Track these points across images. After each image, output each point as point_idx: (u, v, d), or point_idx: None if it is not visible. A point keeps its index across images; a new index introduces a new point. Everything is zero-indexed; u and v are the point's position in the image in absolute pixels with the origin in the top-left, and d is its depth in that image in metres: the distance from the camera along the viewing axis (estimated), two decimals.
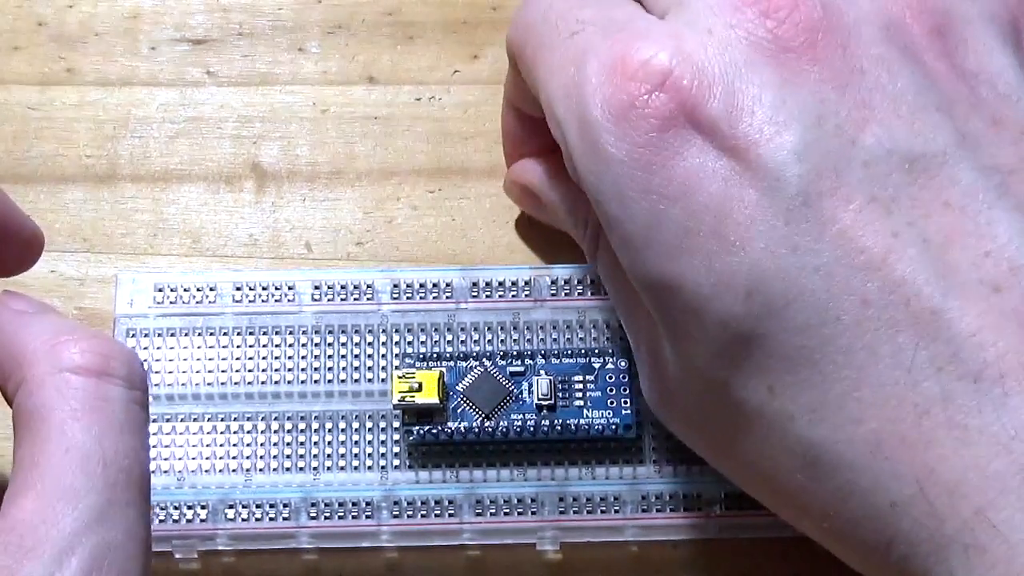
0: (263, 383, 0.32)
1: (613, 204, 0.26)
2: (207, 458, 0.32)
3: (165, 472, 0.32)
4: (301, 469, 0.32)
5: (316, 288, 0.33)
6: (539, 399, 0.32)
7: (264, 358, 0.33)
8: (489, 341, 0.33)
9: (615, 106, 0.26)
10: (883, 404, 0.24)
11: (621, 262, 0.27)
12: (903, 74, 0.25)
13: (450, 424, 0.32)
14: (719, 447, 0.28)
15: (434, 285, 0.33)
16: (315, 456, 0.32)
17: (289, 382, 0.32)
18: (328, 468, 0.32)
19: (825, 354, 0.24)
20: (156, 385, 0.32)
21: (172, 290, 0.33)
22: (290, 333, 0.33)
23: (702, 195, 0.25)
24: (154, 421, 0.32)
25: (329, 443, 0.32)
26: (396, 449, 0.32)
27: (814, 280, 0.24)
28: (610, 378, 0.32)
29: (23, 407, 0.24)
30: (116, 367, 0.25)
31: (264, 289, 0.33)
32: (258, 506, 0.31)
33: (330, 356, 0.33)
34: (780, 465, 0.26)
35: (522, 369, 0.32)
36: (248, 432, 0.32)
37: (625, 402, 0.32)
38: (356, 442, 0.32)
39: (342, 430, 0.32)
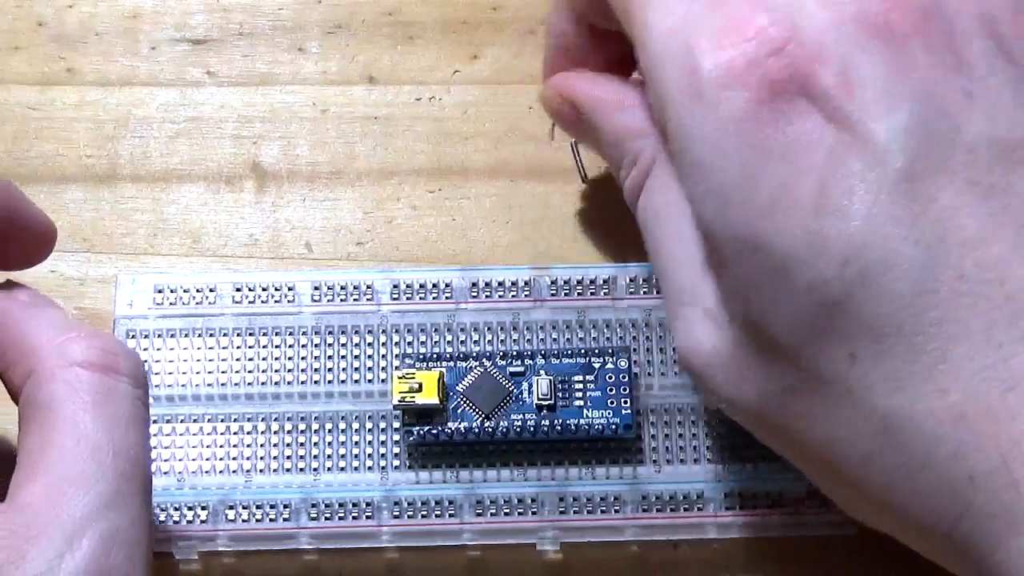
0: (263, 384, 0.32)
1: (709, 153, 0.26)
2: (207, 459, 0.32)
3: (165, 473, 0.32)
4: (301, 470, 0.32)
5: (316, 288, 0.33)
6: (539, 399, 0.32)
7: (264, 359, 0.33)
8: (489, 341, 0.33)
9: (730, 64, 0.26)
10: (970, 377, 0.24)
11: (699, 212, 0.27)
12: (1002, 70, 0.26)
13: (450, 424, 0.32)
14: (771, 410, 0.28)
15: (434, 285, 0.33)
16: (315, 457, 0.32)
17: (289, 383, 0.32)
18: (328, 469, 0.32)
19: (916, 324, 0.25)
20: (156, 386, 0.32)
21: (172, 291, 0.33)
22: (290, 334, 0.33)
23: (807, 160, 0.25)
24: (154, 422, 0.32)
25: (329, 444, 0.32)
26: (396, 449, 0.32)
27: (913, 252, 0.25)
28: (610, 378, 0.32)
29: (32, 397, 0.25)
30: (123, 365, 0.26)
31: (264, 290, 0.33)
32: (258, 507, 0.31)
33: (330, 357, 0.33)
34: (848, 432, 0.26)
35: (522, 369, 0.32)
36: (248, 433, 0.32)
37: (625, 402, 0.32)
38: (356, 443, 0.32)
39: (342, 431, 0.32)
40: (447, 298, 0.33)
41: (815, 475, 0.28)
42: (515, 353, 0.32)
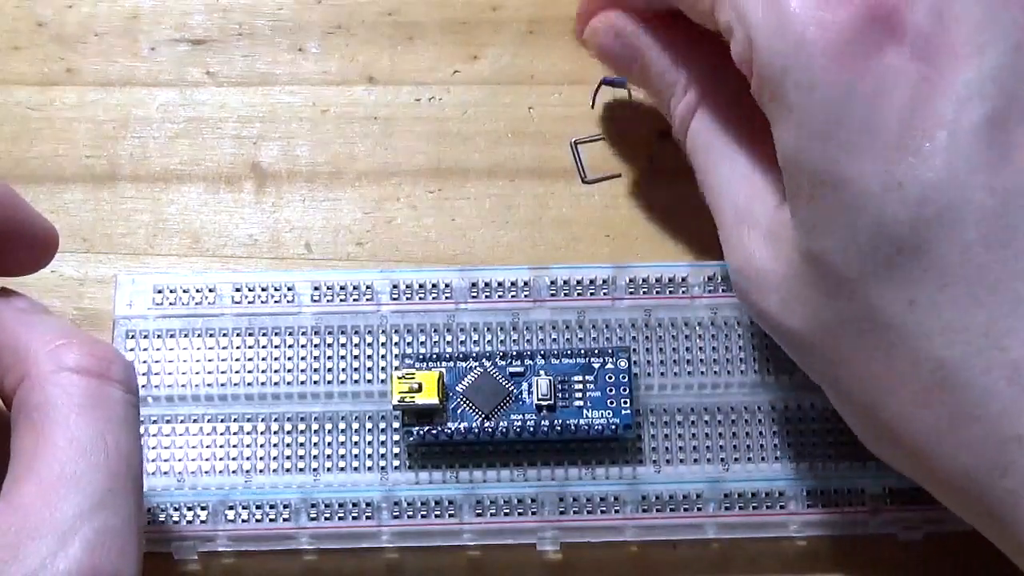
0: (263, 384, 0.32)
1: (796, 90, 0.26)
2: (207, 459, 0.32)
3: (165, 473, 0.32)
4: (301, 470, 0.32)
5: (315, 289, 0.33)
6: (539, 399, 0.32)
7: (264, 359, 0.33)
8: (489, 341, 0.33)
9: None
10: None
11: (783, 146, 0.27)
12: None
13: (450, 424, 0.32)
14: (821, 341, 0.28)
15: (433, 286, 0.33)
16: (315, 457, 0.32)
17: (289, 383, 0.32)
18: (328, 469, 0.32)
19: (982, 277, 0.24)
20: (156, 386, 0.32)
21: (171, 291, 0.33)
22: (289, 334, 0.33)
23: (892, 97, 0.25)
24: (154, 422, 0.32)
25: (329, 444, 0.32)
26: (396, 450, 0.32)
27: (989, 201, 0.24)
28: (610, 378, 0.32)
29: (26, 401, 0.25)
30: (115, 371, 0.26)
31: (264, 290, 0.33)
32: (258, 507, 0.31)
33: (330, 357, 0.33)
34: (898, 376, 0.26)
35: (522, 369, 0.32)
36: (248, 433, 0.32)
37: (625, 402, 0.32)
38: (356, 443, 0.32)
39: (342, 431, 0.32)
40: (447, 298, 0.33)
41: (852, 415, 0.28)
42: (515, 353, 0.32)
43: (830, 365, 0.28)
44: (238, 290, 0.33)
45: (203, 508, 0.31)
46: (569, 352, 0.32)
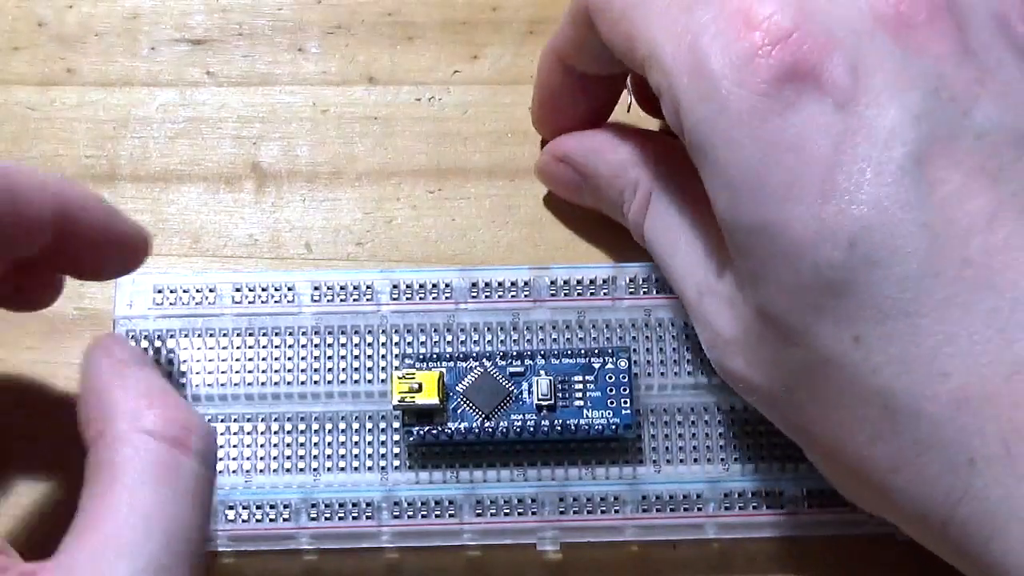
0: (263, 384, 0.32)
1: (722, 150, 0.27)
2: None
3: None
4: (301, 470, 0.32)
5: (316, 289, 0.33)
6: (539, 399, 0.32)
7: (264, 359, 0.33)
8: (489, 341, 0.33)
9: (736, 55, 0.26)
10: (973, 361, 0.24)
11: (717, 203, 0.27)
12: (1010, 62, 0.26)
13: (450, 424, 0.32)
14: (781, 392, 0.28)
15: (433, 286, 0.33)
16: (315, 457, 0.32)
17: (289, 383, 0.32)
18: (328, 469, 0.32)
19: (920, 308, 0.25)
20: None
21: (172, 291, 0.33)
22: (290, 334, 0.33)
23: (815, 147, 0.26)
24: None
25: (329, 444, 0.32)
26: (396, 450, 0.32)
27: (919, 236, 0.25)
28: (610, 378, 0.32)
29: (100, 458, 0.25)
30: (194, 441, 0.26)
31: (264, 290, 0.33)
32: (258, 507, 0.31)
33: (330, 357, 0.33)
34: (852, 415, 0.26)
35: (522, 369, 0.32)
36: (248, 433, 0.32)
37: (625, 402, 0.32)
38: (356, 443, 0.32)
39: (342, 431, 0.32)
40: (447, 298, 0.33)
41: (821, 461, 0.29)
42: (515, 353, 0.32)
43: (795, 416, 0.28)
44: (238, 290, 0.33)
45: None
46: (569, 352, 0.32)
